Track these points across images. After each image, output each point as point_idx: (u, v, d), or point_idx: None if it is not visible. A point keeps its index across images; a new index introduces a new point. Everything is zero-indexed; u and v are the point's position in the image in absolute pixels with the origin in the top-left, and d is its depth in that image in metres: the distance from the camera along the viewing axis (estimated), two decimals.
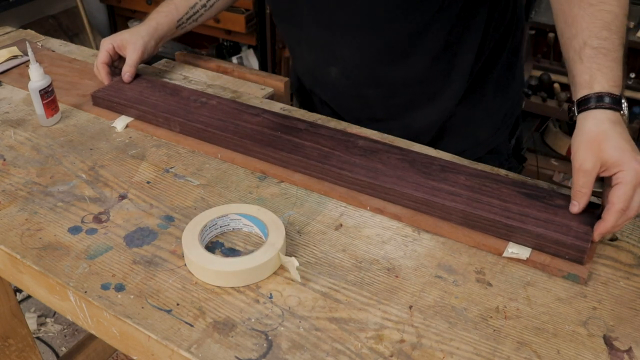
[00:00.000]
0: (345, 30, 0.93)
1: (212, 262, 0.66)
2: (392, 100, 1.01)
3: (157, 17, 1.09)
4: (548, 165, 2.42)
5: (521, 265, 0.70)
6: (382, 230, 0.75)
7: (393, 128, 0.98)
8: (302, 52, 1.05)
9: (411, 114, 1.02)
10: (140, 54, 1.05)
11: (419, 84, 0.98)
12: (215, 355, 0.58)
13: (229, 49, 2.88)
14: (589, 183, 0.68)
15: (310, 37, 0.99)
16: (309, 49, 1.02)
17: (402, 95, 1.00)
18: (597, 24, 0.70)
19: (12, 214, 0.78)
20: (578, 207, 0.71)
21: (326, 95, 1.08)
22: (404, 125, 1.02)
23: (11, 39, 1.32)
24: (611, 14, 0.70)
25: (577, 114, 0.71)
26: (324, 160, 0.82)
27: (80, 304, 0.67)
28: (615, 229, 0.68)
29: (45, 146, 0.92)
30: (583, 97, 0.70)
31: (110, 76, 1.06)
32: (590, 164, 0.67)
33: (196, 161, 0.89)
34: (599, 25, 0.70)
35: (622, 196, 0.65)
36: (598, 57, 0.69)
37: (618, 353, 0.59)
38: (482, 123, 1.04)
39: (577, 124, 0.71)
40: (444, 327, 0.62)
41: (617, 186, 0.66)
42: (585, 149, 0.68)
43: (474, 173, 0.80)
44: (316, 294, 0.65)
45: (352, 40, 0.94)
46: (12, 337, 1.35)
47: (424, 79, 0.98)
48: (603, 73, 0.69)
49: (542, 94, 2.26)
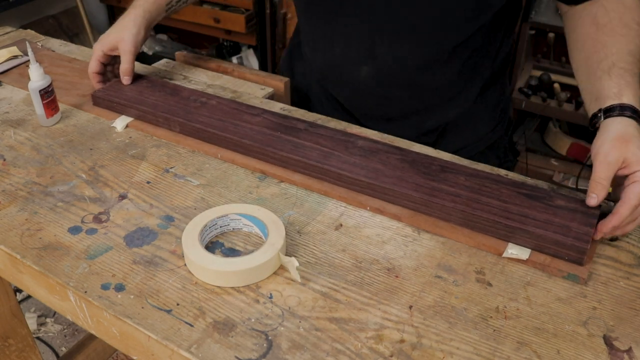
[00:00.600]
0: (389, 30, 0.92)
1: (212, 262, 0.66)
2: (413, 101, 1.02)
3: (144, 3, 1.04)
4: (548, 165, 2.42)
5: (521, 265, 0.70)
6: (382, 230, 0.75)
7: (405, 126, 1.00)
8: (331, 46, 1.01)
9: (426, 114, 1.04)
10: (132, 52, 1.01)
11: (443, 88, 1.00)
12: (215, 355, 0.58)
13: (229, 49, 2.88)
14: (609, 176, 0.70)
15: (347, 33, 0.96)
16: (343, 44, 0.99)
17: (424, 97, 1.02)
18: (624, 50, 0.78)
19: (12, 214, 0.78)
20: (597, 200, 0.72)
21: (344, 92, 1.06)
22: (416, 123, 1.04)
23: (11, 39, 1.32)
24: (635, 44, 0.79)
25: (604, 119, 0.75)
26: (323, 161, 0.82)
27: (80, 304, 0.67)
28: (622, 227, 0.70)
29: (45, 146, 0.92)
30: (611, 106, 0.75)
31: (103, 83, 1.05)
32: (614, 157, 0.70)
33: (196, 161, 0.89)
34: (625, 52, 0.78)
35: (636, 194, 0.68)
36: (626, 76, 0.76)
37: (618, 353, 0.59)
38: (484, 119, 1.07)
39: (601, 128, 0.75)
40: (444, 327, 0.62)
41: (635, 184, 0.68)
42: (611, 144, 0.71)
43: (474, 173, 0.80)
44: (316, 294, 0.65)
45: (394, 41, 0.93)
46: (12, 337, 1.35)
47: (450, 83, 1.00)
48: (631, 89, 0.76)
49: (542, 94, 2.26)
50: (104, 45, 1.02)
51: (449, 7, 0.88)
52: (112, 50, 1.03)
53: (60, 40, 1.32)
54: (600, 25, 0.81)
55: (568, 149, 2.41)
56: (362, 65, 0.98)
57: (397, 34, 0.92)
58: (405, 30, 0.91)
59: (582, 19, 0.85)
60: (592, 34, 0.82)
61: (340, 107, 1.08)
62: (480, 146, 1.08)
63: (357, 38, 0.96)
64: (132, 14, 1.03)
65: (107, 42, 1.02)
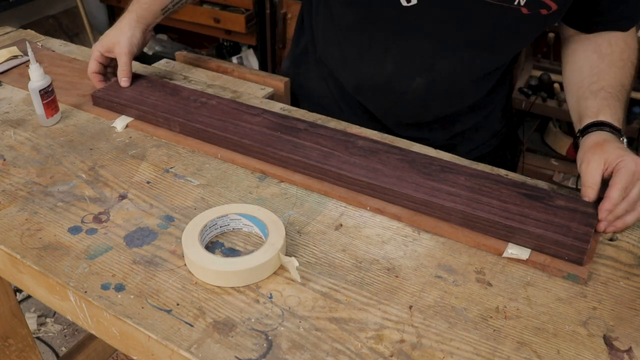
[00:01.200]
0: (451, 44, 0.92)
1: (212, 262, 0.66)
2: (447, 109, 1.04)
3: (138, 9, 1.04)
4: (548, 165, 2.42)
5: (521, 265, 0.70)
6: (382, 230, 0.75)
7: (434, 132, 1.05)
8: (382, 60, 0.99)
9: (456, 119, 1.06)
10: (128, 54, 1.01)
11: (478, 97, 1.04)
12: (215, 355, 0.58)
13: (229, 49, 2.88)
14: (597, 180, 0.75)
15: (404, 45, 0.95)
16: (399, 58, 0.97)
17: (460, 105, 1.04)
18: (616, 80, 0.85)
19: (12, 214, 0.78)
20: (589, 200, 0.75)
21: (381, 103, 1.04)
22: (445, 129, 1.07)
23: (11, 39, 1.32)
24: (627, 79, 0.87)
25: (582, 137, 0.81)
26: (323, 161, 0.82)
27: (80, 304, 0.67)
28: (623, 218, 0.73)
29: (45, 146, 0.92)
30: (588, 124, 0.81)
31: (105, 83, 1.06)
32: (595, 161, 0.75)
33: (196, 161, 0.89)
34: (617, 82, 0.85)
35: (623, 176, 0.72)
36: (609, 99, 0.83)
37: (618, 353, 0.59)
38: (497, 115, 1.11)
39: (581, 145, 0.80)
40: (444, 327, 0.62)
41: (618, 170, 0.72)
42: (589, 152, 0.76)
43: (474, 173, 0.80)
44: (316, 294, 0.65)
45: (454, 54, 0.94)
46: (12, 337, 1.35)
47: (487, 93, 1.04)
48: (610, 109, 0.81)
49: (542, 94, 2.26)
50: (102, 47, 1.03)
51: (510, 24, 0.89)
52: (109, 52, 1.03)
53: (60, 40, 1.32)
54: (603, 55, 0.88)
55: (568, 149, 2.41)
56: (417, 77, 0.97)
57: (458, 47, 0.93)
58: (466, 44, 0.92)
59: (586, 46, 0.91)
60: (593, 60, 0.89)
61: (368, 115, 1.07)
62: (494, 142, 1.12)
63: (417, 52, 0.95)
64: (127, 18, 1.04)
65: (104, 43, 1.03)
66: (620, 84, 0.85)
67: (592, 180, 0.75)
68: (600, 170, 0.74)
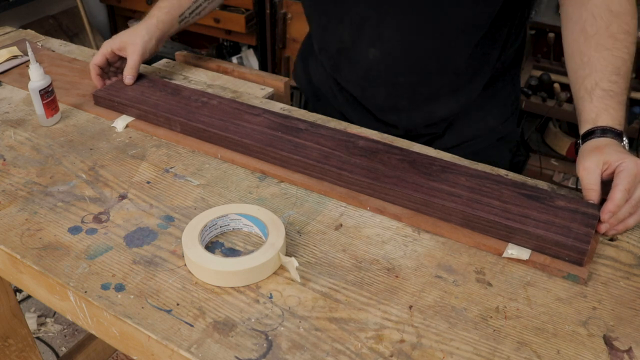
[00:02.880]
0: (396, 11, 0.92)
1: (212, 262, 0.66)
2: (421, 89, 1.02)
3: (158, 13, 1.07)
4: (548, 165, 2.42)
5: (521, 265, 0.70)
6: (382, 230, 0.75)
7: (414, 117, 1.01)
8: (339, 30, 1.01)
9: (434, 104, 1.04)
10: (140, 55, 1.04)
11: (452, 75, 1.00)
12: (215, 355, 0.58)
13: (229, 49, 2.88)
14: (597, 180, 0.74)
15: (354, 15, 0.96)
16: (350, 28, 0.99)
17: (433, 84, 1.01)
18: (609, 68, 0.79)
19: (12, 214, 0.78)
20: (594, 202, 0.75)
21: (353, 78, 1.05)
22: (425, 113, 1.04)
23: (11, 39, 1.32)
24: (622, 59, 0.80)
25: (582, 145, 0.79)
26: (324, 161, 0.82)
27: (80, 304, 0.67)
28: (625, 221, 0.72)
29: (45, 146, 0.92)
30: (588, 130, 0.79)
31: (101, 78, 1.07)
32: (594, 162, 0.74)
33: (196, 161, 0.89)
34: (610, 70, 0.79)
35: (625, 178, 0.71)
36: (606, 99, 0.79)
37: (618, 353, 0.59)
38: (493, 111, 1.08)
39: (580, 150, 0.79)
40: (444, 327, 0.62)
41: (619, 172, 0.72)
42: (588, 155, 0.76)
43: (474, 174, 0.80)
44: (316, 294, 0.65)
45: (401, 22, 0.92)
46: (12, 337, 1.35)
47: (458, 70, 1.00)
48: (609, 113, 0.78)
49: (542, 94, 2.26)
50: (115, 44, 1.05)
51: None
52: (120, 50, 1.05)
53: (60, 40, 1.32)
54: (589, 36, 0.82)
55: (568, 149, 2.41)
56: (370, 48, 0.97)
57: (407, 11, 0.91)
58: (410, 11, 0.91)
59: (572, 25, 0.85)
60: (580, 44, 0.83)
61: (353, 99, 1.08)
62: (491, 138, 1.09)
63: (366, 19, 0.95)
64: (146, 23, 1.06)
65: (117, 41, 1.05)
66: (614, 72, 0.79)
67: (591, 181, 0.74)
68: (599, 171, 0.74)
